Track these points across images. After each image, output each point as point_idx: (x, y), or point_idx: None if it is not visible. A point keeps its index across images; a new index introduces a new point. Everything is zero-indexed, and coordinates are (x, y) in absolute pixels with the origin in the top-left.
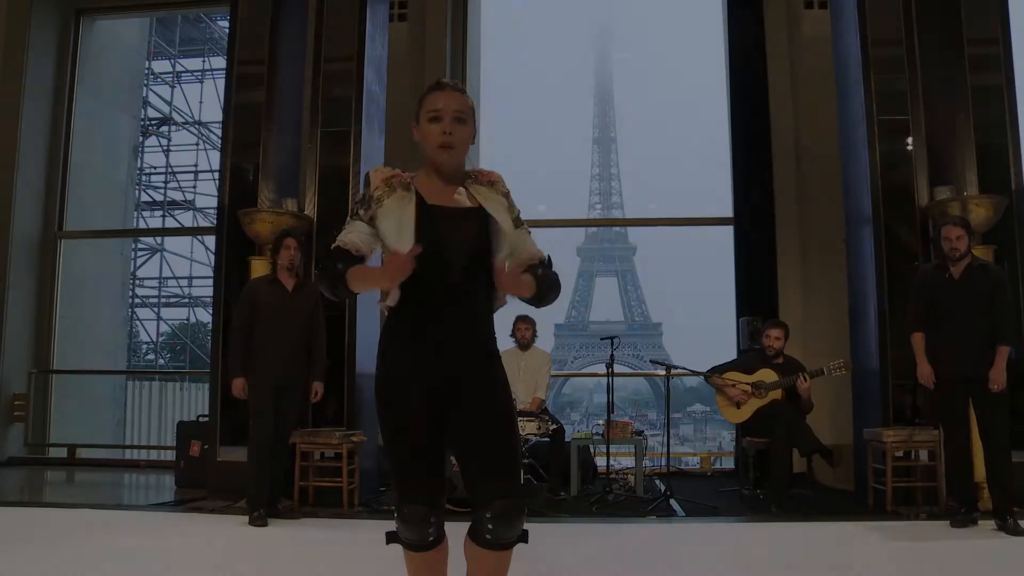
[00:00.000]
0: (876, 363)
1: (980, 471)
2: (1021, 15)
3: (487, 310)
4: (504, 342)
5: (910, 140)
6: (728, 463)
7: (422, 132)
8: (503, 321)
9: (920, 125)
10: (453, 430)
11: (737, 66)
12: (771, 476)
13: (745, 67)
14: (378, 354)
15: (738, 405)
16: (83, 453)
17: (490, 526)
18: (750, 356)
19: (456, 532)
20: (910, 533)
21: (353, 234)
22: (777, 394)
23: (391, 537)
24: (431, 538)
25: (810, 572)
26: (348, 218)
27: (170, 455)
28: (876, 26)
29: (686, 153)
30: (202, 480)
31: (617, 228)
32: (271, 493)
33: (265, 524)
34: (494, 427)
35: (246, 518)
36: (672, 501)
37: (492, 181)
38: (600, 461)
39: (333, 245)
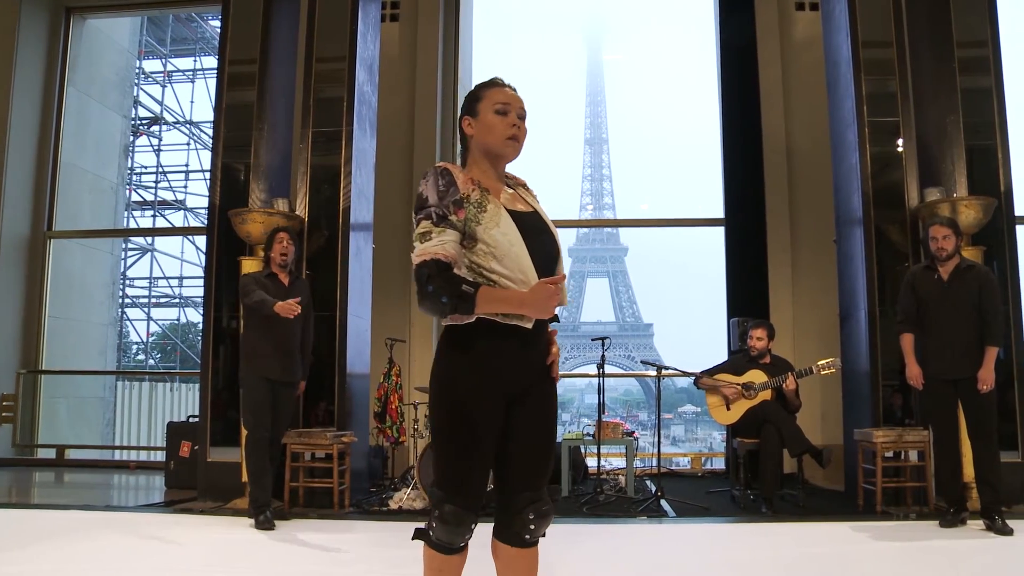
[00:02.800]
0: (866, 363)
1: (969, 471)
2: (1010, 18)
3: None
4: None
5: (900, 142)
6: (719, 463)
7: (484, 124)
8: None
9: (910, 127)
10: (509, 434)
11: (729, 67)
12: (761, 476)
13: (736, 68)
14: (450, 352)
15: (728, 406)
16: (72, 454)
17: (532, 526)
18: (738, 358)
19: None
20: (900, 533)
21: (450, 245)
22: (767, 394)
23: (420, 534)
24: (463, 543)
25: (800, 572)
26: (428, 221)
27: (160, 456)
28: (867, 28)
29: (678, 154)
30: (192, 481)
31: (608, 229)
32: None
33: (273, 527)
34: (547, 435)
35: (236, 519)
36: (663, 502)
37: (524, 184)
38: (591, 462)
39: (431, 258)
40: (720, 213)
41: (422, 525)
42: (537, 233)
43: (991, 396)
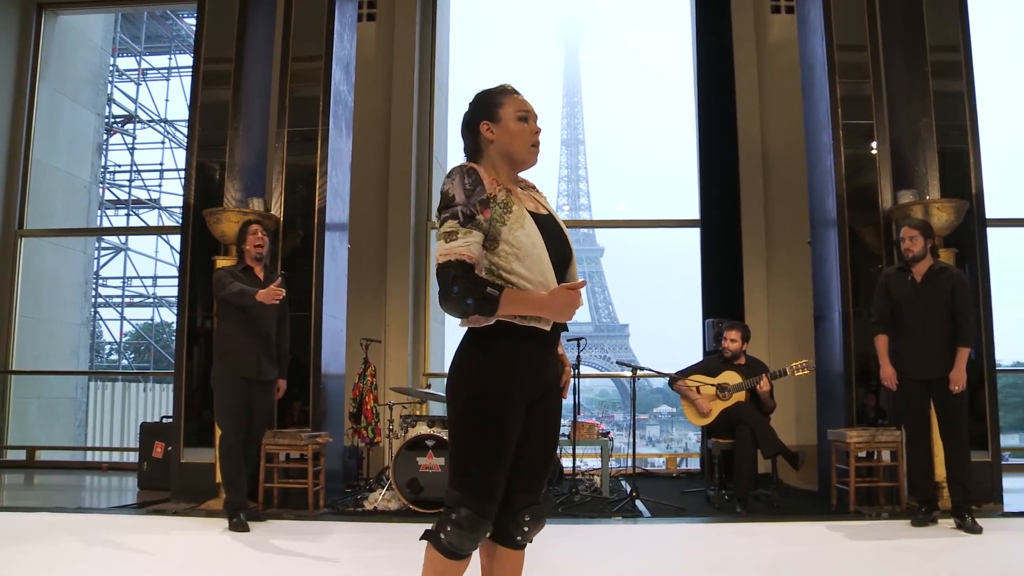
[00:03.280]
0: (840, 364)
1: (941, 471)
2: (981, 24)
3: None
4: None
5: (874, 144)
6: (694, 464)
7: (507, 131)
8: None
9: (884, 130)
10: (521, 436)
11: (705, 69)
12: (736, 477)
13: (713, 70)
14: (478, 354)
15: (701, 413)
16: (43, 455)
17: (526, 528)
18: (713, 359)
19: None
20: (872, 532)
21: (474, 246)
22: (741, 396)
23: (429, 536)
24: (475, 549)
25: (774, 572)
26: (455, 221)
27: (133, 457)
28: (842, 32)
29: (654, 155)
30: (165, 482)
31: (585, 229)
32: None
33: (247, 529)
34: (554, 441)
35: (210, 520)
36: (638, 502)
37: (535, 187)
38: (566, 462)
39: (456, 258)
40: (696, 214)
41: (430, 526)
42: (553, 236)
43: (962, 396)
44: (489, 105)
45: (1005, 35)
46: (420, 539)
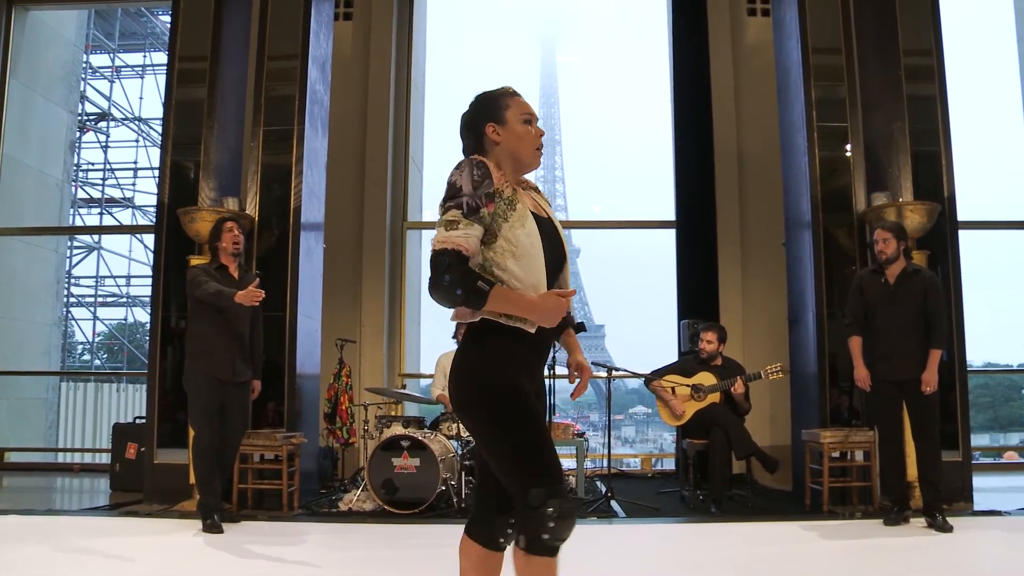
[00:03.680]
0: (814, 365)
1: (912, 471)
2: (954, 28)
3: None
4: (447, 344)
5: (848, 147)
6: (669, 464)
7: (513, 133)
8: (450, 325)
9: (858, 132)
10: None
11: (681, 71)
12: (710, 477)
13: (689, 72)
14: (491, 350)
15: (675, 416)
16: (12, 457)
17: (509, 531)
18: (689, 359)
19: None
20: (845, 532)
21: (473, 239)
22: (715, 397)
23: (537, 547)
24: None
25: (748, 571)
26: (459, 211)
27: (105, 458)
28: (817, 35)
29: (630, 157)
30: (138, 484)
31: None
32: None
33: (221, 531)
34: None
35: (184, 522)
36: (613, 502)
37: (537, 188)
38: None
39: (452, 247)
40: (671, 215)
41: (520, 542)
42: (550, 239)
43: (934, 397)
44: (495, 107)
45: (977, 40)
46: (535, 554)
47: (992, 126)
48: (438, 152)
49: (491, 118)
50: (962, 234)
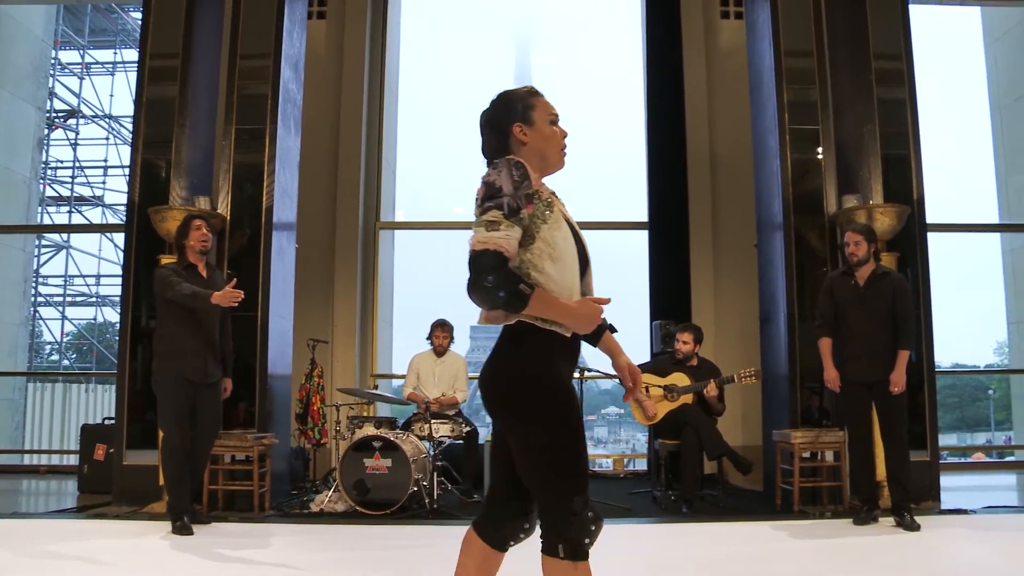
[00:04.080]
0: (785, 366)
1: (881, 470)
2: (923, 34)
3: None
4: (419, 345)
5: (820, 149)
6: (641, 465)
7: (541, 134)
8: (423, 326)
9: (829, 135)
10: None
11: (654, 73)
12: (682, 478)
13: (662, 74)
14: (535, 349)
15: (646, 417)
16: None
17: (522, 535)
18: (664, 359)
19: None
20: (815, 531)
21: (514, 240)
22: (688, 398)
23: (578, 553)
24: None
25: (719, 571)
26: (500, 211)
27: (73, 460)
28: (789, 38)
29: (603, 157)
30: (107, 485)
31: None
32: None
33: (191, 532)
34: None
35: (153, 523)
36: None
37: (554, 191)
38: None
39: (494, 248)
40: (644, 216)
41: (561, 552)
42: (577, 242)
43: (902, 398)
44: (521, 107)
45: (945, 45)
46: (574, 560)
47: (960, 130)
48: (411, 152)
49: (518, 118)
50: (931, 236)
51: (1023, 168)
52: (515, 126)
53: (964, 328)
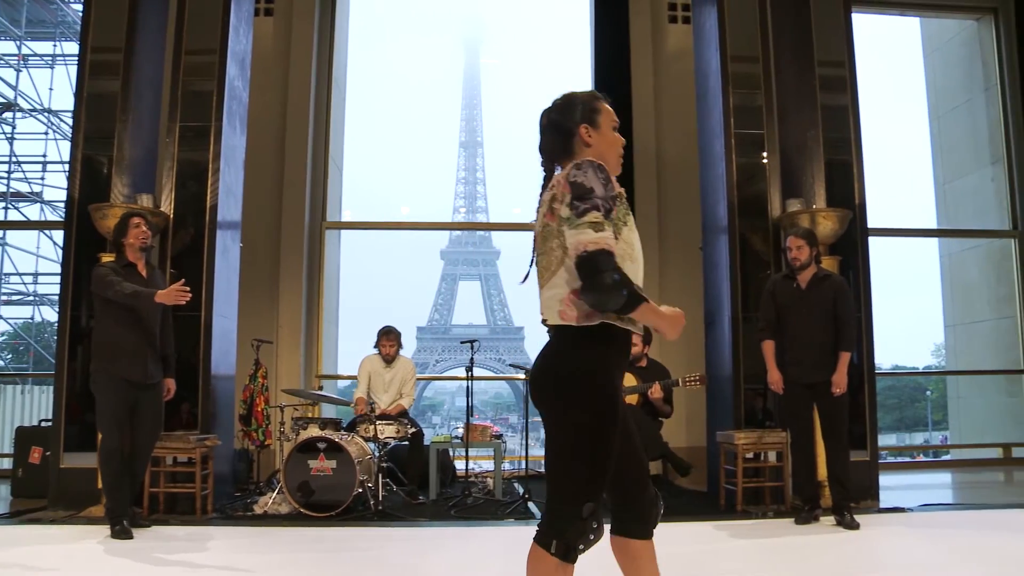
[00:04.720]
0: (729, 368)
1: (823, 470)
2: (866, 42)
3: None
4: (367, 347)
5: (765, 154)
6: None
7: (606, 138)
8: (369, 326)
9: (774, 140)
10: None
11: (602, 76)
12: None
13: (610, 77)
14: (596, 351)
15: None
16: None
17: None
18: None
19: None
20: (757, 531)
21: (613, 241)
22: (633, 399)
23: (573, 556)
24: None
25: (662, 571)
26: (598, 212)
27: (7, 463)
28: (735, 43)
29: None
30: (42, 489)
31: (481, 232)
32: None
33: (130, 536)
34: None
35: (91, 528)
36: (530, 504)
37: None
38: (459, 464)
39: (608, 248)
40: None
41: (552, 547)
42: None
43: (843, 399)
44: (588, 110)
45: (886, 54)
46: (568, 560)
47: (900, 138)
48: (359, 151)
49: (585, 120)
50: (872, 241)
51: (960, 175)
52: (582, 127)
53: (903, 331)
